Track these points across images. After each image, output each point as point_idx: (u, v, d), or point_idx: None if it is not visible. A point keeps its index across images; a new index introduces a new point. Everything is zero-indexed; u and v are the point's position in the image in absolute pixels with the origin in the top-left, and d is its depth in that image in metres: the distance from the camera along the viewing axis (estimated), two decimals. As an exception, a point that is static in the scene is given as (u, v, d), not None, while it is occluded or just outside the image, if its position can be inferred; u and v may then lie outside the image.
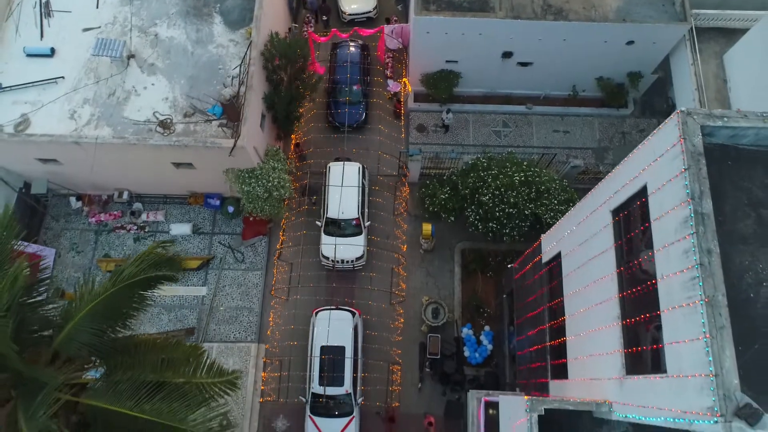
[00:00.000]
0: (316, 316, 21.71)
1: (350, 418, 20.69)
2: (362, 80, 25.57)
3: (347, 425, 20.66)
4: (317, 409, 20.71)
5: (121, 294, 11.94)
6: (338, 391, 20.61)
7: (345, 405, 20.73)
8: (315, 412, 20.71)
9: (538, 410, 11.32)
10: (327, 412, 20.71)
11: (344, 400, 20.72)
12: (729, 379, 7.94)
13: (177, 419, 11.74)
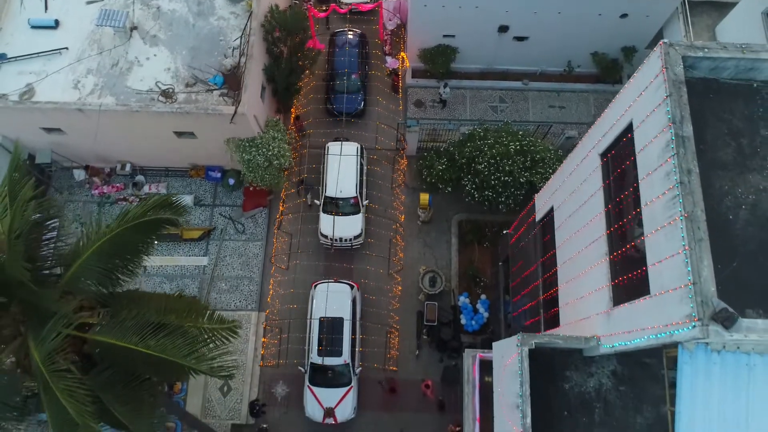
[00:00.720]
0: (315, 289, 22.07)
1: (348, 388, 21.03)
2: (361, 69, 25.87)
3: (345, 395, 21.00)
4: (316, 379, 21.04)
5: (126, 234, 12.29)
6: (336, 362, 20.97)
7: (343, 375, 21.06)
8: (314, 383, 21.04)
9: (528, 344, 11.71)
10: (325, 383, 21.04)
11: (342, 371, 21.06)
12: (706, 287, 8.33)
13: (180, 356, 12.08)
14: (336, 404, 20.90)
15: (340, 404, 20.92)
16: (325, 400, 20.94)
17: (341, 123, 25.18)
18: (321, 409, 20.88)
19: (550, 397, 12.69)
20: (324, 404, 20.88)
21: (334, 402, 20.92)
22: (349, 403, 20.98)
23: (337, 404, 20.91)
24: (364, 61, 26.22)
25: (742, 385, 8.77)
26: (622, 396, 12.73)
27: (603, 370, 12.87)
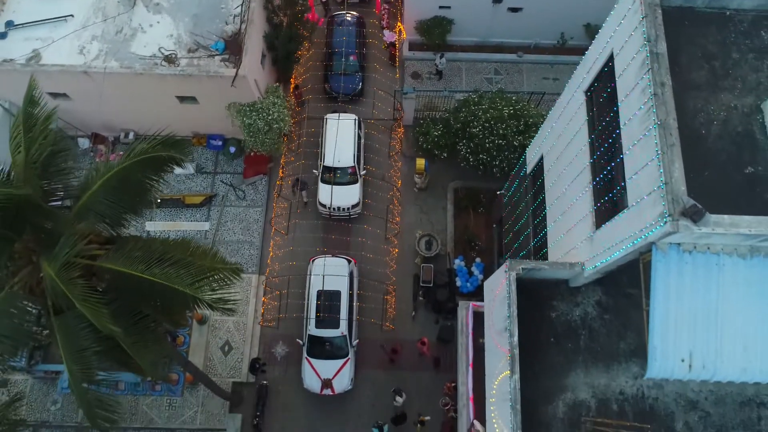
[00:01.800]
0: (312, 264, 22.53)
1: (345, 359, 21.41)
2: (359, 51, 26.39)
3: (342, 366, 21.37)
4: (314, 351, 21.43)
5: (133, 169, 12.84)
6: (334, 333, 21.36)
7: (341, 347, 21.44)
8: (311, 354, 21.42)
9: (516, 269, 12.27)
10: (323, 354, 21.41)
11: (340, 343, 21.44)
12: (677, 187, 8.90)
13: (184, 284, 12.59)
14: (333, 375, 21.27)
15: (337, 375, 21.29)
16: (323, 371, 21.32)
17: (339, 105, 25.67)
18: (319, 381, 21.23)
19: (537, 325, 13.26)
20: (322, 375, 21.24)
21: (332, 373, 21.29)
22: (347, 375, 21.37)
23: (334, 375, 21.28)
24: (362, 42, 26.77)
25: (712, 283, 9.32)
26: (606, 324, 13.30)
27: (588, 300, 13.44)
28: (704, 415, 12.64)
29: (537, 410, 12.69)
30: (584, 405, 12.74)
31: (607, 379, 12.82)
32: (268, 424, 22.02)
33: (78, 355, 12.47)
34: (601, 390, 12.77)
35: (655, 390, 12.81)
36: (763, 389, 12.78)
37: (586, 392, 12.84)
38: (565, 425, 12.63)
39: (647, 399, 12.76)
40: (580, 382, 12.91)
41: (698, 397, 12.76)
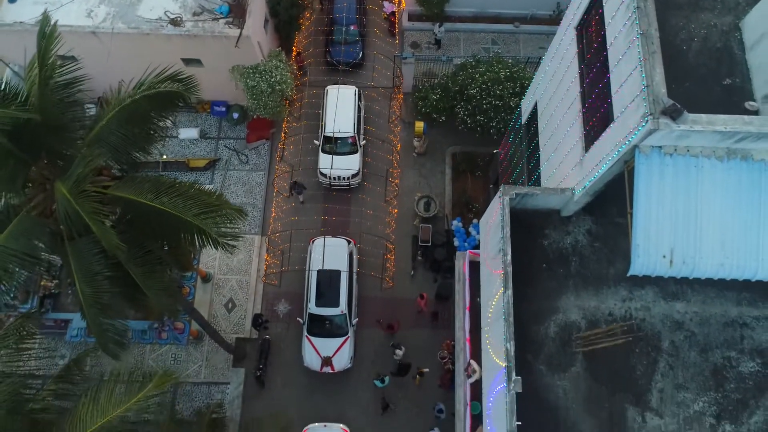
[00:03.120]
0: (312, 244, 22.90)
1: (345, 338, 21.77)
2: (359, 20, 26.90)
3: (342, 345, 21.74)
4: (314, 329, 21.80)
5: (142, 103, 13.42)
6: (334, 312, 21.72)
7: (340, 326, 21.80)
8: (312, 333, 21.78)
9: (509, 194, 12.84)
10: (323, 333, 21.77)
11: (340, 321, 21.81)
12: (658, 90, 9.48)
13: (191, 214, 13.18)
14: (333, 353, 21.65)
15: (337, 353, 21.67)
16: (323, 349, 21.68)
17: (339, 74, 26.17)
18: (319, 358, 21.60)
19: (530, 253, 13.82)
20: (322, 353, 21.61)
21: (332, 351, 21.66)
22: (346, 353, 21.76)
23: (334, 353, 21.65)
24: (362, 11, 27.31)
25: (691, 184, 9.88)
26: (596, 251, 13.88)
27: (579, 229, 14.02)
28: (689, 335, 13.21)
29: (530, 330, 13.27)
30: (575, 325, 13.31)
31: (596, 301, 13.39)
32: (270, 377, 22.59)
33: (90, 279, 13.04)
34: (591, 312, 13.34)
35: (642, 312, 13.38)
36: (746, 310, 13.36)
37: (577, 314, 13.41)
38: (556, 344, 13.20)
39: (635, 320, 13.33)
40: (570, 305, 13.48)
41: (683, 318, 13.33)
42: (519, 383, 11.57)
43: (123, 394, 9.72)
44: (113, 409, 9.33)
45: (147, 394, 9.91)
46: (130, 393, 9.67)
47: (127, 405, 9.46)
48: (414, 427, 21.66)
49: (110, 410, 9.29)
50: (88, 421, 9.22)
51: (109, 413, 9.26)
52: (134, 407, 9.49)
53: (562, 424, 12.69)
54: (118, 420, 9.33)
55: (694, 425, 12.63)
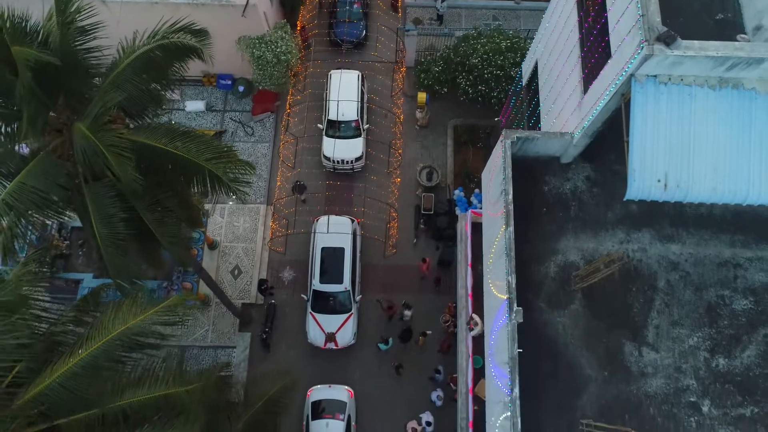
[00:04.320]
0: (317, 222, 23.25)
1: (349, 314, 22.13)
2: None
3: (346, 321, 22.10)
4: (318, 306, 22.16)
5: (156, 52, 13.93)
6: (337, 288, 22.07)
7: (344, 302, 22.16)
8: (316, 309, 22.14)
9: (510, 137, 13.30)
10: (327, 309, 22.12)
11: (343, 298, 22.19)
12: (653, 18, 9.94)
13: (203, 158, 13.67)
14: (337, 330, 22.03)
15: (340, 330, 22.04)
16: (327, 325, 22.04)
17: (343, 54, 26.56)
18: (322, 334, 21.97)
19: (530, 198, 14.28)
20: (325, 329, 21.98)
21: (335, 327, 22.03)
22: (350, 329, 22.11)
23: (338, 330, 22.03)
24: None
25: (685, 111, 10.34)
26: (595, 196, 14.35)
27: (578, 176, 14.49)
28: (684, 275, 13.68)
29: (530, 270, 13.73)
30: (574, 265, 13.77)
31: (595, 243, 13.85)
32: (275, 342, 23.05)
33: (107, 221, 13.50)
34: (590, 253, 13.81)
35: (639, 253, 13.85)
36: (739, 252, 13.83)
37: (576, 255, 13.88)
38: (556, 283, 13.67)
39: (632, 261, 13.79)
40: (570, 246, 13.95)
41: (679, 259, 13.80)
42: (520, 313, 12.03)
43: (145, 303, 10.18)
44: (133, 317, 9.80)
45: (168, 304, 10.37)
46: (151, 305, 10.14)
47: (148, 313, 9.93)
48: (417, 388, 22.12)
49: (131, 318, 9.76)
50: (110, 328, 9.70)
51: (129, 321, 9.72)
52: (154, 317, 9.97)
53: (562, 357, 13.15)
54: (138, 327, 9.82)
55: (689, 359, 13.09)
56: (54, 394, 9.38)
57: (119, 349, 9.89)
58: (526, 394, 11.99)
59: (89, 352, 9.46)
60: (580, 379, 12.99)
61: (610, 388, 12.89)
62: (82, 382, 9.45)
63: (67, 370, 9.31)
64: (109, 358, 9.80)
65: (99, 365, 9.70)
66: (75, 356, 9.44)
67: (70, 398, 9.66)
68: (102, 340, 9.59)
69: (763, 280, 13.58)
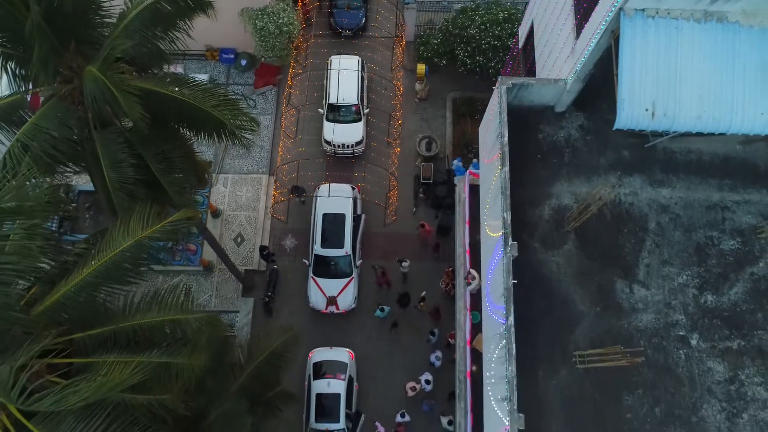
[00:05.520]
0: (318, 189, 23.77)
1: (349, 278, 22.66)
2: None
3: (346, 285, 22.62)
4: (319, 270, 22.66)
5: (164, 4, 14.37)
6: (338, 253, 22.60)
7: (345, 267, 22.66)
8: (317, 274, 22.64)
9: (506, 84, 13.78)
10: (328, 273, 22.62)
11: (344, 262, 22.71)
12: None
13: (209, 105, 14.21)
14: (338, 293, 22.55)
15: (341, 293, 22.56)
16: (328, 289, 22.53)
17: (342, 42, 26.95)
18: (324, 298, 22.46)
19: (525, 145, 14.75)
20: (327, 293, 22.47)
21: (336, 291, 22.54)
22: (350, 293, 22.62)
23: (339, 293, 22.54)
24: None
25: (672, 43, 10.81)
26: (588, 144, 14.82)
27: (572, 124, 14.96)
28: (674, 217, 14.15)
29: (525, 213, 14.20)
30: (567, 208, 14.24)
31: (588, 188, 14.32)
32: (277, 307, 23.51)
33: (116, 166, 13.97)
34: (583, 197, 14.26)
35: (630, 197, 14.33)
36: (727, 195, 14.30)
37: (569, 198, 14.35)
38: (550, 224, 14.14)
39: (623, 204, 14.28)
40: (563, 191, 14.42)
41: (669, 202, 14.27)
42: (515, 247, 12.49)
43: (153, 217, 10.66)
44: (142, 231, 10.29)
45: (174, 219, 10.85)
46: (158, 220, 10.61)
47: (157, 227, 10.41)
48: (416, 351, 22.59)
49: (140, 232, 10.25)
50: (120, 241, 10.20)
51: (138, 234, 10.22)
52: (160, 232, 10.45)
53: (556, 295, 13.62)
54: (147, 240, 10.32)
55: (678, 296, 13.56)
56: (69, 303, 9.87)
57: (129, 261, 10.38)
58: (521, 330, 12.41)
59: (102, 263, 9.94)
60: (574, 314, 13.45)
61: (603, 323, 13.35)
62: (95, 292, 9.93)
63: (81, 279, 9.79)
64: (120, 269, 10.29)
65: (111, 276, 10.19)
66: (88, 267, 9.92)
67: (84, 310, 10.15)
68: (113, 251, 10.07)
69: (750, 221, 14.05)
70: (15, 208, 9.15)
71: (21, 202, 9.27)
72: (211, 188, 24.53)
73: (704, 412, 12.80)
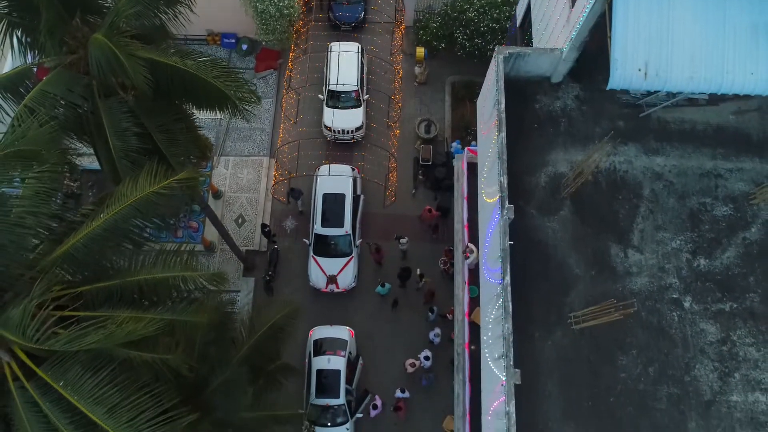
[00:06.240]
0: (318, 170, 24.12)
1: (349, 257, 22.97)
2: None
3: (346, 264, 22.91)
4: (319, 249, 22.96)
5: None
6: (338, 232, 22.90)
7: (345, 246, 22.94)
8: (317, 253, 22.95)
9: (503, 53, 14.06)
10: (328, 252, 22.94)
11: (344, 241, 23.01)
12: None
13: (212, 76, 14.48)
14: (338, 272, 22.84)
15: (342, 272, 22.86)
16: (328, 268, 22.82)
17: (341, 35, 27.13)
18: (324, 277, 22.75)
19: (522, 115, 15.03)
20: (327, 272, 22.76)
21: (336, 270, 22.84)
22: (350, 272, 22.91)
23: (339, 272, 22.84)
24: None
25: (664, 5, 11.09)
26: (584, 113, 15.11)
27: (568, 95, 15.24)
28: (668, 184, 14.43)
29: (522, 180, 14.48)
30: (563, 176, 14.51)
31: (583, 155, 14.57)
32: (278, 287, 23.77)
33: (120, 134, 14.27)
34: (578, 167, 14.52)
35: (625, 165, 14.61)
36: (720, 163, 14.59)
37: (565, 166, 14.63)
38: (546, 191, 14.42)
39: (618, 172, 14.56)
40: (560, 159, 14.70)
41: (663, 170, 14.56)
42: (511, 210, 12.77)
43: (161, 173, 10.95)
44: (150, 186, 10.58)
45: (181, 177, 11.14)
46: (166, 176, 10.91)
47: (163, 183, 10.69)
48: (416, 329, 22.85)
49: (147, 187, 10.54)
50: (128, 195, 10.49)
51: (146, 189, 10.50)
52: (167, 188, 10.74)
53: (552, 259, 13.89)
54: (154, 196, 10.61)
55: (672, 260, 13.84)
56: (78, 254, 10.14)
57: (136, 215, 10.66)
58: (517, 294, 12.67)
59: (110, 215, 10.23)
60: (569, 278, 13.73)
61: (597, 286, 13.63)
62: (103, 244, 10.22)
63: (90, 231, 10.07)
64: (128, 222, 10.58)
65: (119, 230, 10.47)
66: (97, 220, 10.20)
67: (93, 263, 10.42)
68: (122, 205, 10.36)
69: (743, 188, 14.33)
70: (28, 152, 9.43)
71: (35, 147, 9.54)
72: (213, 168, 24.79)
73: (697, 371, 13.08)
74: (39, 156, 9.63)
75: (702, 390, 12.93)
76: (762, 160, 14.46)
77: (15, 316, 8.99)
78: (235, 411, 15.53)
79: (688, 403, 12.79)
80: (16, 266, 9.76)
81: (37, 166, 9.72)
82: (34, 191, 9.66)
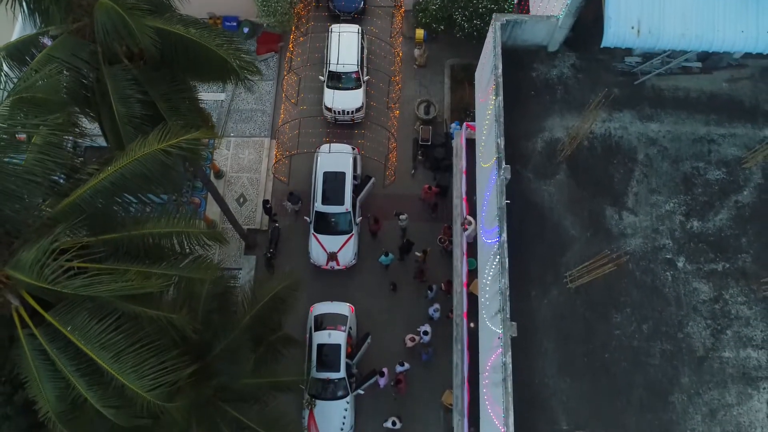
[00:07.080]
0: (319, 149, 24.31)
1: (350, 235, 23.29)
2: None
3: (347, 241, 23.21)
4: (320, 227, 23.27)
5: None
6: (339, 210, 23.22)
7: (345, 223, 23.24)
8: (318, 230, 23.27)
9: (500, 20, 14.36)
10: (328, 230, 23.24)
11: (344, 219, 23.27)
12: None
13: (215, 44, 14.75)
14: (338, 249, 23.15)
15: (342, 249, 23.17)
16: (329, 245, 23.14)
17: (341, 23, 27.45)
18: (324, 254, 23.08)
19: (519, 83, 15.31)
20: (327, 249, 23.09)
21: (337, 247, 23.16)
22: (351, 249, 23.21)
23: (339, 249, 23.15)
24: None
25: (656, -34, 11.39)
26: (580, 81, 15.39)
27: (564, 63, 15.53)
28: (662, 149, 14.72)
29: (519, 146, 14.77)
30: (559, 141, 14.80)
31: (579, 122, 14.86)
32: (279, 265, 24.03)
33: (124, 101, 14.54)
34: (575, 131, 14.82)
35: (620, 131, 14.90)
36: (713, 129, 14.88)
37: (561, 132, 14.92)
38: (543, 156, 14.70)
39: (613, 137, 14.85)
40: (556, 125, 14.99)
41: (657, 136, 14.84)
42: (508, 170, 13.04)
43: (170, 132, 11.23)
44: (159, 143, 10.86)
45: (189, 137, 11.42)
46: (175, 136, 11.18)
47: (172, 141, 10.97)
48: (416, 306, 23.12)
49: (155, 144, 10.81)
50: (137, 151, 10.78)
51: (154, 146, 10.78)
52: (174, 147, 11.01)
53: (548, 221, 14.18)
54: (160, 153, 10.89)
55: (666, 222, 14.12)
56: (86, 204, 10.42)
57: (144, 169, 10.92)
58: (514, 255, 12.95)
59: (118, 168, 10.52)
60: (565, 239, 14.01)
61: (592, 247, 13.89)
62: (110, 198, 10.49)
63: (98, 183, 10.36)
64: (136, 177, 10.85)
65: (126, 184, 10.76)
66: (105, 173, 10.49)
67: (99, 215, 10.69)
68: (129, 159, 10.64)
69: (735, 153, 14.61)
70: (40, 99, 9.69)
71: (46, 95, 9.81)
72: (215, 146, 25.03)
73: (690, 329, 13.35)
74: (50, 103, 9.89)
75: (695, 346, 13.21)
76: (754, 126, 14.75)
77: (28, 259, 9.25)
78: (238, 377, 15.82)
79: (681, 359, 13.07)
80: (26, 214, 10.03)
81: (48, 114, 9.97)
82: (45, 140, 9.93)
